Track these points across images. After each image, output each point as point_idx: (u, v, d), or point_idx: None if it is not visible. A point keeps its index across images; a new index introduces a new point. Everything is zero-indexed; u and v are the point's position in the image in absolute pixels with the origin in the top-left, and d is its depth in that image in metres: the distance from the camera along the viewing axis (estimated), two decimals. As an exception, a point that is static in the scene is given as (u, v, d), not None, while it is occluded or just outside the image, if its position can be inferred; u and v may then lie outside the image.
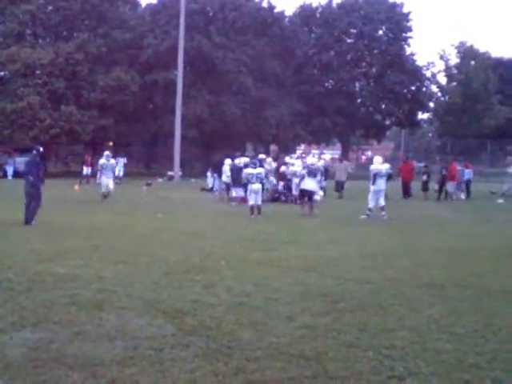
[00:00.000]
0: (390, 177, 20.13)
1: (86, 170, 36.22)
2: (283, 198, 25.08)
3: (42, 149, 17.10)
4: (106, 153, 23.95)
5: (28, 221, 15.30)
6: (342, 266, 10.50)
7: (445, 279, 9.41)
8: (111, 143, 53.46)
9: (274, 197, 25.11)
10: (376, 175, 19.37)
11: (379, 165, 19.67)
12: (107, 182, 23.07)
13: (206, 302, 7.59)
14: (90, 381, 5.05)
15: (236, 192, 23.64)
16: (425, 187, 29.80)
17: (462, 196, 29.82)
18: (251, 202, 19.02)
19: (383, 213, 19.06)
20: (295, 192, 23.31)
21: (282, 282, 8.89)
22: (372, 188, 19.39)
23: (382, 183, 19.45)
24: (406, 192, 29.38)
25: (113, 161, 23.68)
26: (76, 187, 29.40)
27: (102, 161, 23.39)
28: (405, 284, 9.01)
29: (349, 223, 18.05)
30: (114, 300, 7.63)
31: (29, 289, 8.10)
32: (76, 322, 6.66)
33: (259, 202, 19.07)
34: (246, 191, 21.36)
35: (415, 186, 30.58)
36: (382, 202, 19.29)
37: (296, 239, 13.95)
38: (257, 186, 19.01)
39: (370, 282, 9.11)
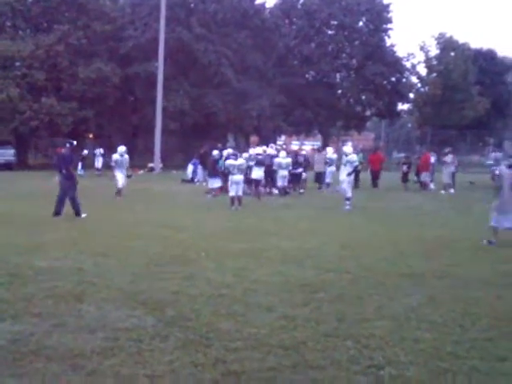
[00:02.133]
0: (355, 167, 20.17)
1: None
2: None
3: (75, 142, 18.05)
4: (121, 148, 22.80)
5: (77, 214, 15.86)
6: (322, 256, 10.56)
7: (424, 269, 9.49)
8: (91, 135, 53.07)
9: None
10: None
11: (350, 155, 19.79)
12: (121, 177, 22.26)
13: (185, 294, 7.61)
14: (69, 372, 5.07)
15: (211, 183, 23.60)
16: (405, 178, 29.77)
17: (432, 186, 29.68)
18: (232, 193, 19.02)
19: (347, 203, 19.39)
20: (280, 184, 23.38)
21: (261, 273, 8.93)
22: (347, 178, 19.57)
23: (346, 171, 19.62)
24: (374, 182, 29.40)
25: (126, 156, 22.65)
26: (56, 179, 29.16)
27: (116, 156, 22.53)
28: (384, 274, 9.07)
29: (329, 214, 18.12)
30: (93, 292, 7.63)
31: (8, 282, 8.08)
32: (56, 314, 6.66)
33: (240, 193, 19.10)
34: (224, 181, 21.44)
35: (395, 176, 30.62)
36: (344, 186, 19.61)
37: (276, 230, 13.98)
38: (238, 177, 18.99)
39: (349, 271, 9.17)
